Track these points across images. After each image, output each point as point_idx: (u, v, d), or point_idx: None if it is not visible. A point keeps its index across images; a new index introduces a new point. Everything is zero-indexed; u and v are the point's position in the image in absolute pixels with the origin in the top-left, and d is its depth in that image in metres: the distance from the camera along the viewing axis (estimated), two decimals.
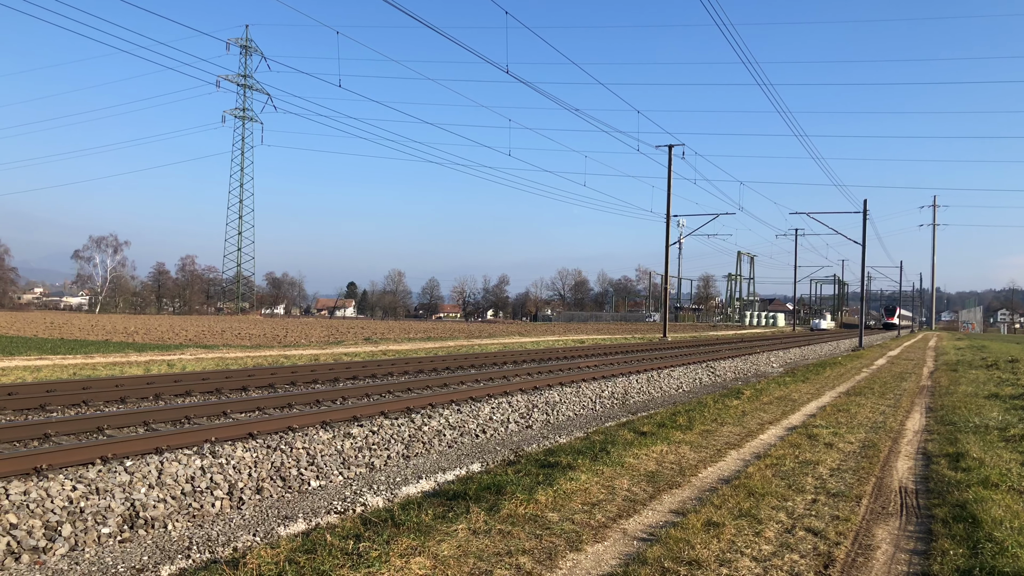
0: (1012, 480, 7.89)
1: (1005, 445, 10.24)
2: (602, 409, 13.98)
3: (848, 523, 6.37)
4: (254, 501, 6.95)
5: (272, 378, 14.97)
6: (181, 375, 14.79)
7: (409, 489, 7.50)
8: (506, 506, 6.34)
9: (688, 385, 18.38)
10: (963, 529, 6.15)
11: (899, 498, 7.41)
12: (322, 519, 6.48)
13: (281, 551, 5.13)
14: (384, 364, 18.60)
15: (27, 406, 10.91)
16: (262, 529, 6.14)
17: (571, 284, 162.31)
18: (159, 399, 12.47)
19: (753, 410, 13.37)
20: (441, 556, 5.12)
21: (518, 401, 12.40)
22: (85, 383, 12.93)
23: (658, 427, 10.76)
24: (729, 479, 7.86)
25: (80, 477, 6.36)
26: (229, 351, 24.92)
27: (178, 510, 6.37)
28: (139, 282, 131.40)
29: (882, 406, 14.63)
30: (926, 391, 18.44)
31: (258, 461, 7.53)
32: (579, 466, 7.90)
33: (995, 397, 16.55)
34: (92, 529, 5.77)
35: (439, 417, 10.47)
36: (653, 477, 7.90)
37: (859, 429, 11.48)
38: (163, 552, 5.58)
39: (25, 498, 5.82)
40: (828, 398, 15.91)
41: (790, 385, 18.04)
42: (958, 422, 12.41)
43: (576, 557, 5.37)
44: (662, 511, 6.66)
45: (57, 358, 20.24)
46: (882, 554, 5.69)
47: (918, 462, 9.26)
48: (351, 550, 5.16)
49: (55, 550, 5.44)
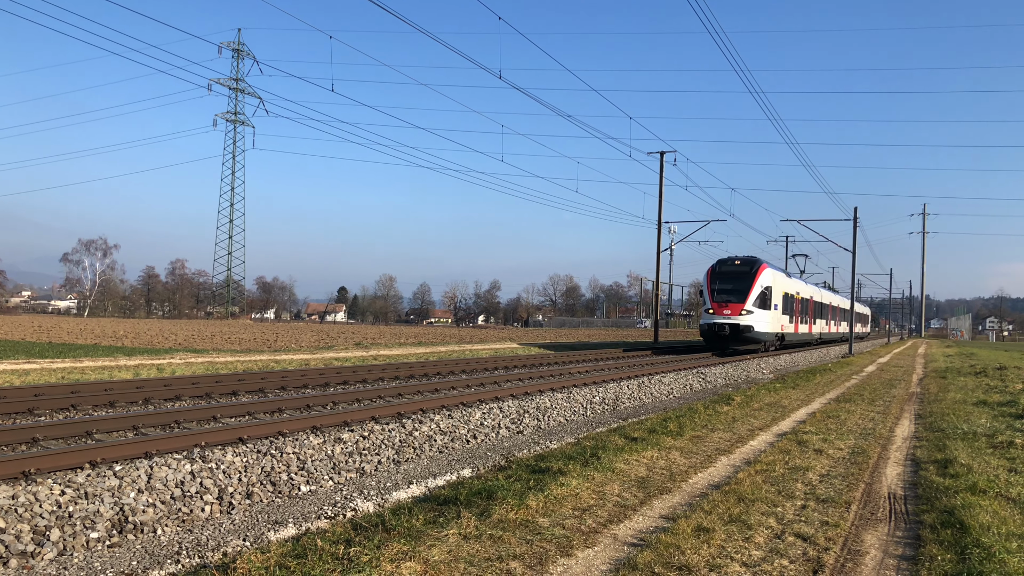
0: (1000, 486, 7.94)
1: (993, 452, 10.31)
2: (593, 415, 14.00)
3: (837, 529, 6.40)
4: (244, 506, 6.92)
5: (262, 383, 14.93)
6: (171, 379, 14.72)
7: (400, 494, 7.49)
8: (497, 511, 6.34)
9: (679, 391, 18.42)
10: (951, 535, 6.19)
11: (888, 504, 7.45)
12: (312, 524, 6.46)
13: (271, 556, 5.11)
14: (375, 369, 18.56)
15: (15, 410, 10.84)
16: (252, 534, 6.12)
17: (563, 290, 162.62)
18: (148, 403, 12.41)
19: (743, 416, 13.41)
20: (432, 561, 5.12)
21: (509, 407, 12.40)
22: (74, 387, 12.86)
23: (649, 433, 10.78)
24: (719, 485, 7.89)
25: (69, 481, 6.33)
26: (219, 355, 24.81)
27: (167, 515, 6.34)
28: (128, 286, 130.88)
29: (872, 413, 14.70)
30: (915, 398, 18.55)
31: (248, 466, 7.51)
32: (570, 472, 7.91)
33: (983, 404, 16.65)
34: (81, 534, 5.73)
35: (430, 422, 10.46)
36: (644, 483, 7.91)
37: (849, 435, 11.53)
38: (152, 557, 5.56)
39: (13, 502, 5.78)
40: (818, 404, 15.98)
41: (780, 391, 18.11)
42: (947, 429, 12.48)
43: (567, 562, 5.38)
44: (652, 516, 6.67)
45: (45, 362, 20.10)
46: (871, 559, 5.72)
47: (907, 468, 9.32)
48: (342, 555, 5.15)
49: (43, 555, 5.41)
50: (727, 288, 31.42)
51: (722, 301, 31.12)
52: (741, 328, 30.60)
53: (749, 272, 31.51)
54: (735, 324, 30.71)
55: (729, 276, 31.80)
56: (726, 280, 31.69)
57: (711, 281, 32.06)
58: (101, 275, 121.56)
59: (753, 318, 30.96)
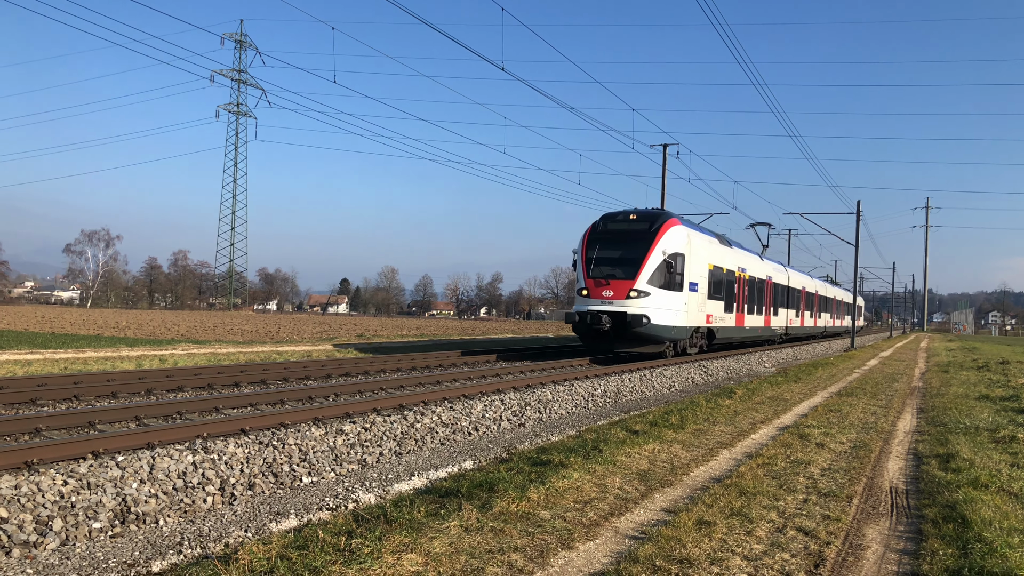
0: (1001, 481, 7.94)
1: (995, 446, 10.30)
2: (594, 407, 14.00)
3: (839, 523, 6.40)
4: (246, 497, 6.93)
5: (264, 374, 14.95)
6: (173, 370, 14.74)
7: (401, 486, 7.50)
8: (498, 503, 6.35)
9: (680, 384, 18.42)
10: (953, 529, 6.19)
11: (890, 498, 7.45)
12: (314, 515, 6.47)
13: (273, 547, 5.12)
14: (377, 361, 18.58)
15: (18, 400, 10.86)
16: (254, 525, 6.13)
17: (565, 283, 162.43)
18: (151, 394, 12.43)
19: (745, 409, 13.41)
20: (433, 553, 5.12)
21: (511, 399, 12.40)
22: (76, 377, 12.88)
23: (650, 426, 10.78)
24: (721, 478, 7.89)
25: (71, 472, 6.34)
26: (221, 347, 24.85)
27: (169, 505, 6.36)
28: (131, 277, 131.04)
29: (873, 407, 14.70)
30: (917, 392, 18.53)
31: (250, 457, 7.52)
32: (571, 464, 7.92)
33: (986, 398, 16.64)
34: (83, 524, 5.74)
35: (432, 414, 10.46)
36: (645, 475, 7.92)
37: (850, 429, 11.53)
38: (154, 547, 5.57)
39: (16, 492, 5.80)
40: (820, 398, 15.97)
41: (782, 385, 18.10)
42: (949, 423, 12.47)
43: (568, 555, 5.38)
44: (654, 509, 6.68)
45: (48, 352, 20.14)
46: (872, 554, 5.71)
47: (909, 463, 9.31)
48: (343, 546, 5.15)
49: (46, 544, 5.42)
50: (611, 257, 20.71)
51: (601, 277, 20.43)
52: (629, 319, 19.77)
53: (647, 232, 20.58)
54: (620, 312, 19.89)
55: (615, 239, 20.97)
56: (610, 245, 20.93)
57: (587, 247, 21.21)
58: (104, 266, 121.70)
59: (650, 302, 20.05)
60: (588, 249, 21.12)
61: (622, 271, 20.34)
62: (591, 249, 21.04)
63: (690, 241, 21.74)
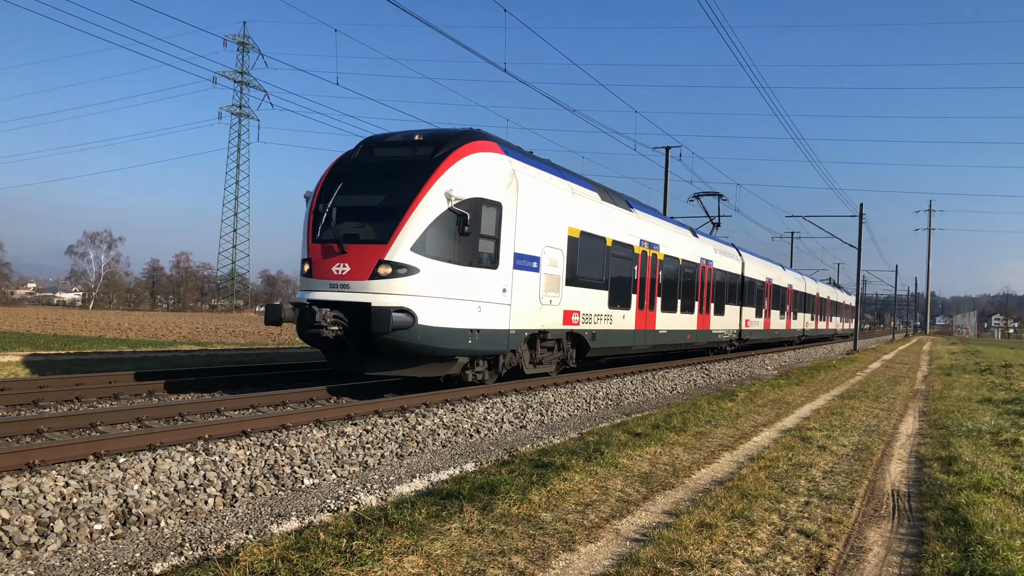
0: (1004, 484, 7.92)
1: (997, 449, 10.28)
2: (596, 410, 14.00)
3: (840, 525, 6.39)
4: (247, 499, 6.93)
5: (265, 375, 14.95)
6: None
7: (403, 488, 7.50)
8: (499, 506, 6.34)
9: (682, 386, 18.41)
10: (955, 532, 6.17)
11: (891, 501, 7.44)
12: (315, 517, 6.47)
13: (274, 549, 5.12)
14: None
15: (20, 401, 10.88)
16: (255, 527, 6.13)
17: None
18: (152, 396, 12.45)
19: (747, 412, 13.39)
20: (434, 555, 5.12)
21: (512, 401, 12.40)
22: (78, 379, 12.89)
23: (652, 428, 10.77)
24: (722, 481, 7.88)
25: (73, 473, 6.34)
26: (223, 348, 24.85)
27: (171, 507, 6.36)
28: (133, 278, 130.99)
29: (876, 409, 14.67)
30: (920, 395, 18.50)
31: (252, 459, 7.53)
32: (573, 466, 7.91)
33: (988, 402, 16.61)
34: (84, 525, 5.75)
35: (433, 416, 10.47)
36: (647, 478, 7.91)
37: (852, 432, 11.51)
38: (156, 549, 5.57)
39: (17, 493, 5.81)
40: (822, 401, 15.95)
41: (784, 388, 18.08)
42: (951, 426, 12.45)
43: (569, 557, 5.38)
44: (655, 512, 6.67)
45: (51, 353, 20.15)
46: (874, 556, 5.70)
47: (911, 465, 9.30)
48: (344, 548, 5.15)
49: (47, 546, 5.42)
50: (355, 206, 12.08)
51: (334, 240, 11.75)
52: (376, 316, 10.82)
53: (426, 162, 11.97)
54: (359, 304, 11.25)
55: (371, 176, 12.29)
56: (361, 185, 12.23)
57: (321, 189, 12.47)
58: (106, 267, 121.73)
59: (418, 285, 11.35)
60: (323, 192, 12.37)
61: (372, 230, 11.68)
62: (327, 192, 12.28)
63: (515, 180, 12.84)
